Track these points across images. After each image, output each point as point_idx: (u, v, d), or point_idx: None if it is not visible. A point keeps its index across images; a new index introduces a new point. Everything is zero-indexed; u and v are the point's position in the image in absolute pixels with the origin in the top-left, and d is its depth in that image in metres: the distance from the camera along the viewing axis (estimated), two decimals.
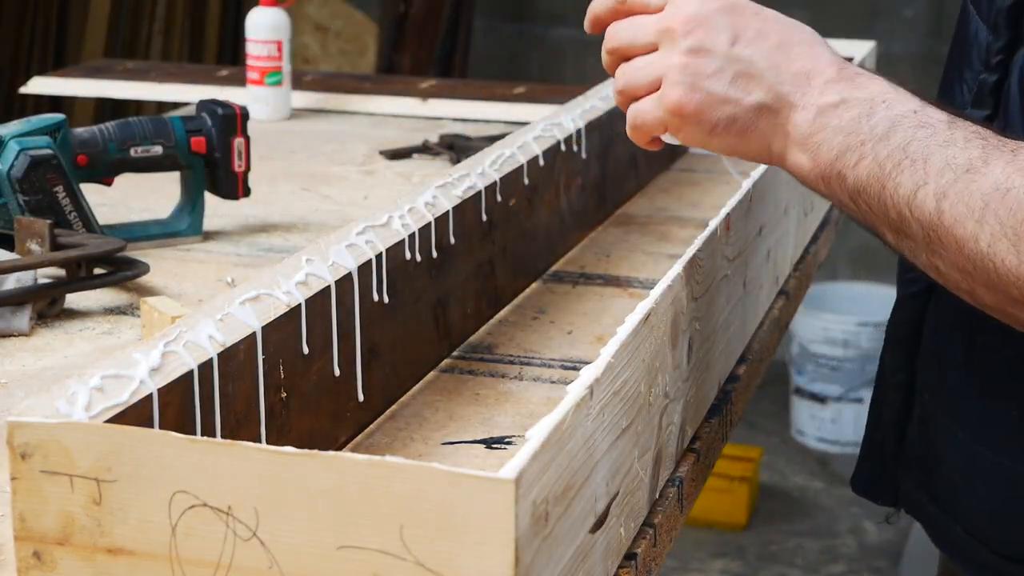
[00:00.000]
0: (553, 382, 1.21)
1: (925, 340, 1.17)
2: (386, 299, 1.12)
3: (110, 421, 0.80)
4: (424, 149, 2.01)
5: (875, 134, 0.93)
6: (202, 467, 0.71)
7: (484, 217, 1.30)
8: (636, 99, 1.00)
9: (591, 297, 1.43)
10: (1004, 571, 1.10)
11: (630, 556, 0.93)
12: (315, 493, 0.70)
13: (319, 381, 1.03)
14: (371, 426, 1.11)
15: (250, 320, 0.94)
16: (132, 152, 1.55)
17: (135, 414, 0.82)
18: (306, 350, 1.00)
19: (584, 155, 1.56)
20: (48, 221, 1.41)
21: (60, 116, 1.52)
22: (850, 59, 1.06)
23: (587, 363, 0.85)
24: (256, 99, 2.18)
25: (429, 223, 1.19)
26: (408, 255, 1.16)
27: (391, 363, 1.14)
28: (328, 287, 1.04)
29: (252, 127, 1.64)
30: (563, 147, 1.49)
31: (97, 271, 1.41)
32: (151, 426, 0.84)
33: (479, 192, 1.29)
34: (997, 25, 1.07)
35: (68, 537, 0.75)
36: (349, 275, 1.06)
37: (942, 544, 1.17)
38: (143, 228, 1.59)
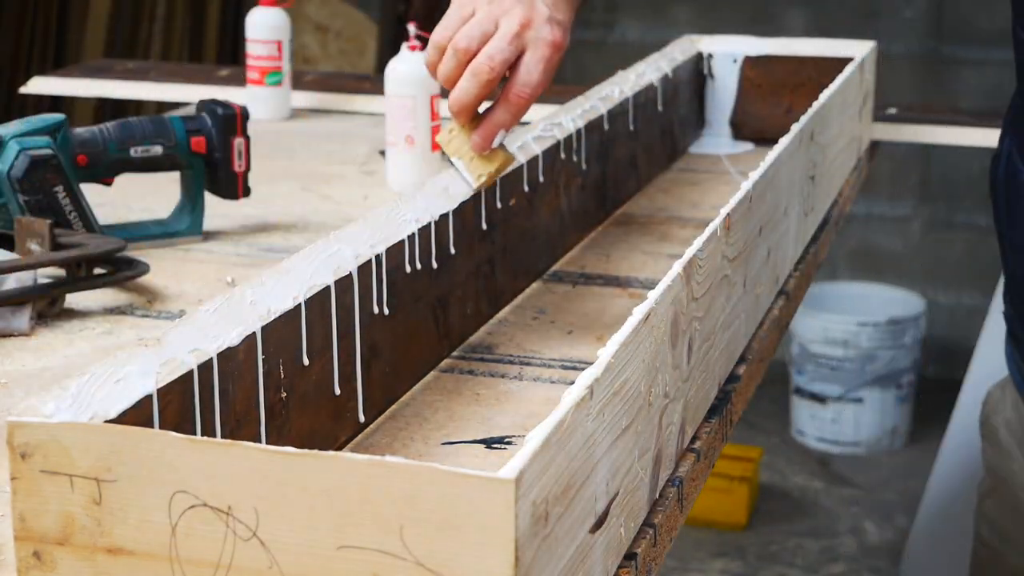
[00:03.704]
0: (553, 382, 1.21)
1: None
2: (386, 299, 1.12)
3: (110, 421, 0.80)
4: None
5: None
6: (202, 467, 0.71)
7: (484, 217, 1.30)
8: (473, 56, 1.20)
9: (591, 297, 1.43)
10: None
11: (630, 556, 0.93)
12: (315, 493, 0.70)
13: (319, 381, 1.03)
14: (371, 426, 1.11)
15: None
16: (132, 152, 1.55)
17: (135, 414, 0.82)
18: (306, 350, 1.00)
19: (584, 155, 1.56)
20: (48, 221, 1.41)
21: (60, 116, 1.52)
22: (850, 59, 1.07)
23: (587, 363, 0.85)
24: (256, 99, 2.18)
25: (429, 223, 1.19)
26: (408, 255, 1.16)
27: (391, 363, 1.14)
28: (328, 287, 1.04)
29: (252, 127, 1.64)
30: (563, 147, 1.49)
31: (97, 271, 1.41)
32: (151, 426, 0.84)
33: (479, 192, 1.29)
34: None
35: (68, 537, 0.75)
36: (349, 275, 1.06)
37: None
38: (143, 228, 1.59)
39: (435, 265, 1.21)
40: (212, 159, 1.59)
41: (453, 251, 1.24)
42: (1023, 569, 1.55)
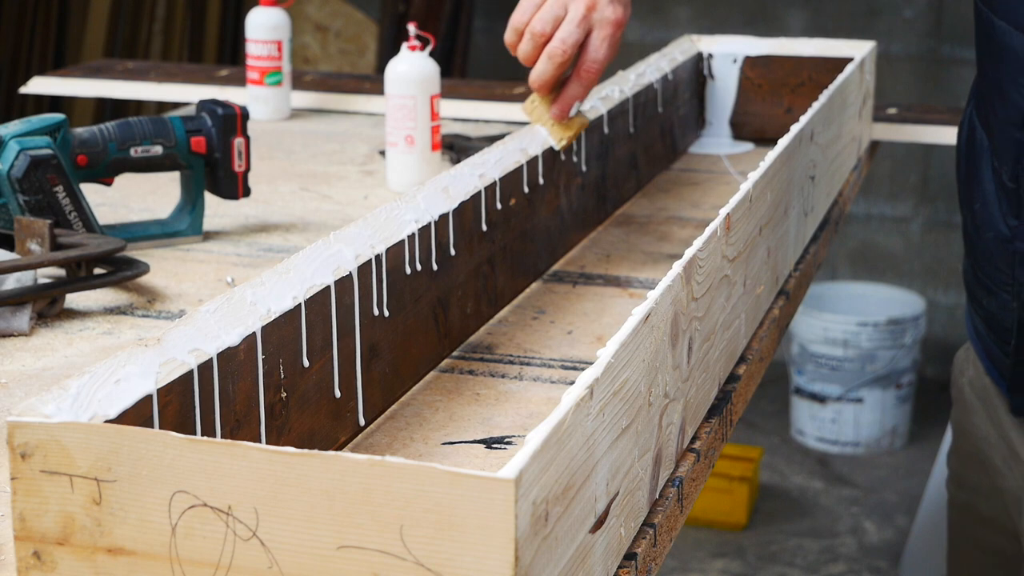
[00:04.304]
0: (553, 382, 1.21)
1: None
2: (386, 299, 1.12)
3: (110, 421, 0.80)
4: None
5: None
6: (202, 467, 0.71)
7: (484, 217, 1.30)
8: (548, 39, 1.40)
9: (591, 297, 1.43)
10: None
11: (630, 556, 0.93)
12: (315, 493, 0.70)
13: (319, 381, 1.03)
14: (371, 426, 1.11)
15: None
16: (132, 152, 1.55)
17: (135, 414, 0.82)
18: (306, 350, 1.00)
19: (584, 155, 1.56)
20: (48, 221, 1.41)
21: (60, 116, 1.52)
22: (850, 59, 1.08)
23: (587, 363, 0.85)
24: (256, 99, 2.18)
25: (429, 223, 1.19)
26: (408, 255, 1.16)
27: (391, 363, 1.14)
28: (328, 287, 1.04)
29: (252, 127, 1.65)
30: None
31: (97, 271, 1.41)
32: (151, 426, 0.84)
33: (479, 192, 1.29)
34: None
35: (68, 537, 0.75)
36: (349, 275, 1.06)
37: None
38: (143, 228, 1.59)
39: (435, 265, 1.21)
40: (212, 159, 1.59)
41: (453, 251, 1.24)
42: (993, 516, 1.58)
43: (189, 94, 2.37)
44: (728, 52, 2.12)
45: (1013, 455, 1.50)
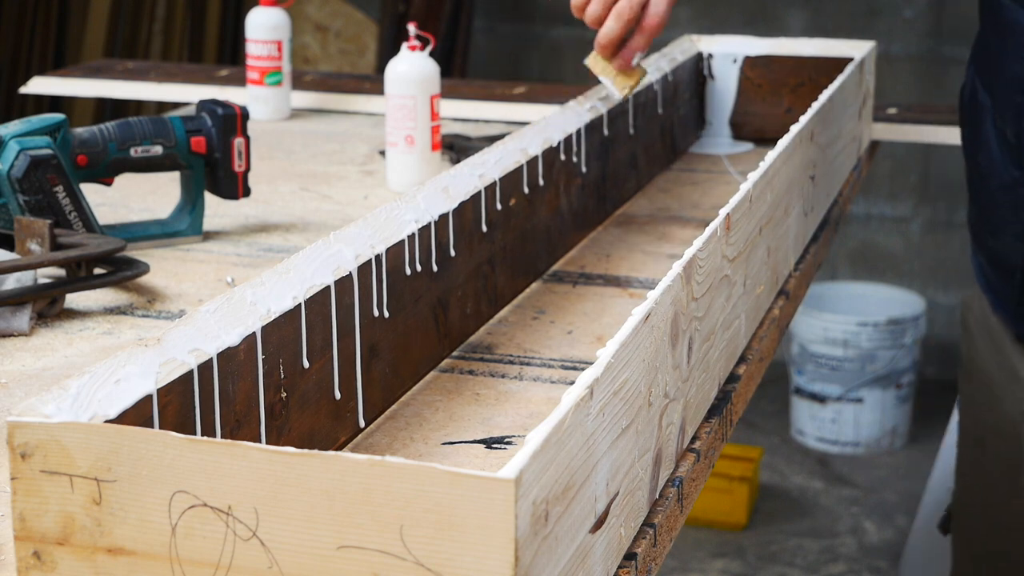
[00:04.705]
0: (553, 382, 1.21)
1: None
2: (386, 299, 1.12)
3: (110, 421, 0.80)
4: None
5: None
6: (202, 467, 0.71)
7: (484, 217, 1.30)
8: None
9: (591, 297, 1.43)
10: None
11: (630, 556, 0.93)
12: (315, 493, 0.70)
13: (319, 381, 1.03)
14: (371, 426, 1.11)
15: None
16: (132, 152, 1.55)
17: (135, 414, 0.82)
18: (306, 350, 1.00)
19: (584, 155, 1.56)
20: (48, 221, 1.41)
21: (60, 116, 1.52)
22: (850, 59, 1.08)
23: (587, 363, 0.85)
24: (256, 99, 2.18)
25: (429, 223, 1.19)
26: (408, 255, 1.16)
27: (391, 363, 1.14)
28: (328, 287, 1.04)
29: (252, 127, 1.65)
30: (563, 147, 1.50)
31: (97, 271, 1.41)
32: (151, 426, 0.84)
33: (479, 193, 1.29)
34: None
35: (68, 537, 0.75)
36: (349, 275, 1.06)
37: None
38: (143, 228, 1.59)
39: (435, 265, 1.21)
40: (212, 159, 1.59)
41: (453, 251, 1.24)
42: (996, 427, 1.69)
43: (189, 94, 2.37)
44: (728, 52, 2.12)
45: (1015, 378, 1.65)
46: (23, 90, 2.48)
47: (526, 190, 1.40)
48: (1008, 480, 1.69)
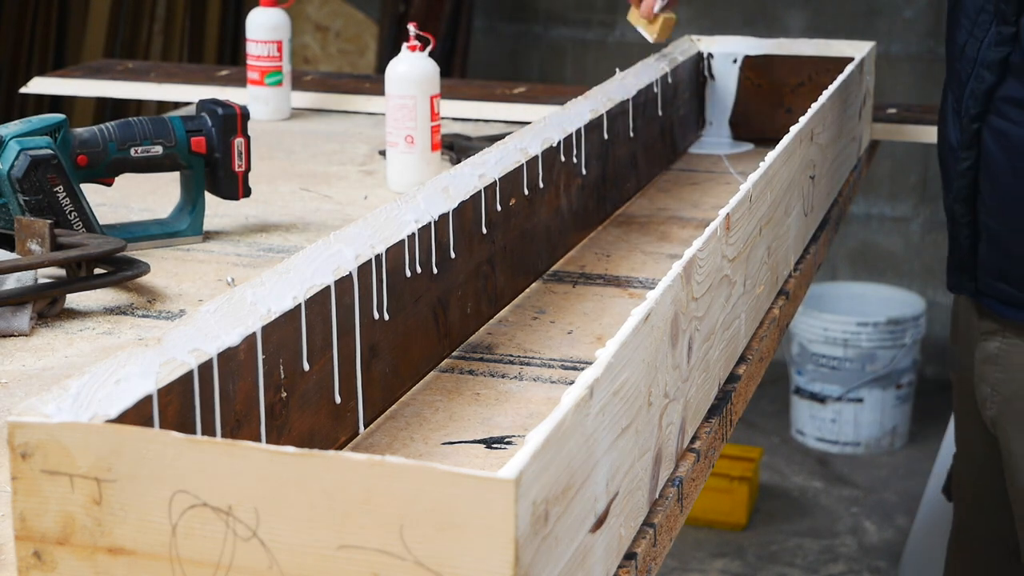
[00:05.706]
0: (553, 382, 1.21)
1: (982, 194, 1.67)
2: (386, 299, 1.12)
3: (110, 421, 0.80)
4: None
5: None
6: (202, 467, 0.71)
7: (484, 217, 1.31)
8: None
9: (591, 297, 1.43)
10: None
11: (630, 556, 0.93)
12: (315, 493, 0.70)
13: (319, 381, 1.03)
14: (371, 426, 1.11)
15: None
16: (132, 152, 1.55)
17: (135, 414, 0.82)
18: (306, 350, 1.00)
19: (584, 155, 1.56)
20: (48, 221, 1.41)
21: (60, 116, 1.52)
22: (850, 59, 1.08)
23: (587, 363, 0.85)
24: (256, 99, 2.18)
25: (429, 224, 1.19)
26: (408, 255, 1.16)
27: (391, 363, 1.14)
28: (328, 287, 1.04)
29: (252, 127, 1.65)
30: (563, 148, 1.50)
31: (97, 271, 1.41)
32: (151, 426, 0.84)
33: (479, 193, 1.29)
34: None
35: (68, 537, 0.75)
36: (349, 276, 1.06)
37: (1013, 312, 1.71)
38: (143, 228, 1.59)
39: (435, 265, 1.21)
40: (212, 159, 1.59)
41: (453, 251, 1.24)
42: (969, 377, 1.86)
43: (189, 94, 2.37)
44: (728, 52, 2.12)
45: (968, 325, 1.84)
46: (23, 90, 2.48)
47: (526, 190, 1.40)
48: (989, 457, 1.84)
